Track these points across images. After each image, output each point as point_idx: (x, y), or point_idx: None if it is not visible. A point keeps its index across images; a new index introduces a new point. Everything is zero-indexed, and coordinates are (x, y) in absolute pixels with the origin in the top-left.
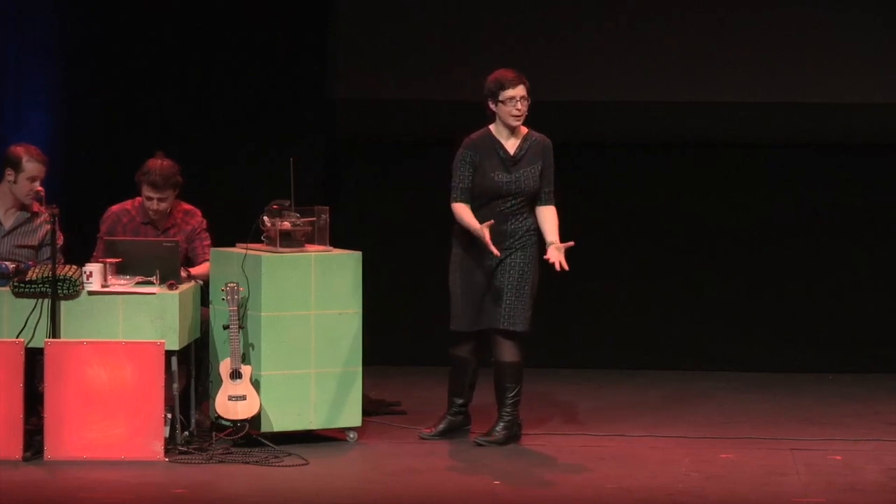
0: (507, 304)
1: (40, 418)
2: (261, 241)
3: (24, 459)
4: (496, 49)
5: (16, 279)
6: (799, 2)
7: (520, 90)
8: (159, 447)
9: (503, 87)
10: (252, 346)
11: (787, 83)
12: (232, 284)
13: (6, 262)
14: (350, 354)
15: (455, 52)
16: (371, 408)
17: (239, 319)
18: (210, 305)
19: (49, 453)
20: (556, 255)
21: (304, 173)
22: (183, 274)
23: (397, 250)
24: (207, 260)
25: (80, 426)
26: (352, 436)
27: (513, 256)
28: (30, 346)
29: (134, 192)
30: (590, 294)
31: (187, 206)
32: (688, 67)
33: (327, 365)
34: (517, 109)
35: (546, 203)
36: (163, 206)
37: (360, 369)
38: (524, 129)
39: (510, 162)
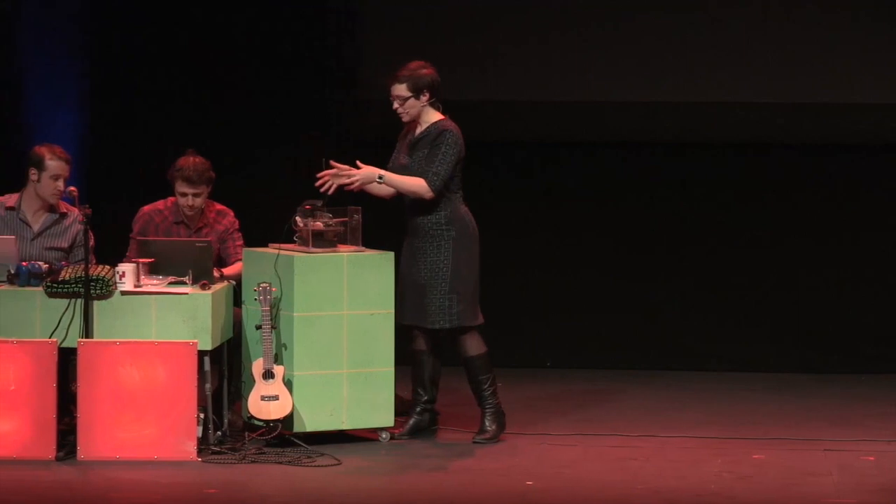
0: (427, 302)
1: (73, 418)
2: (293, 242)
3: (57, 459)
4: (514, 49)
5: (49, 279)
6: (799, 2)
7: (392, 91)
8: (192, 447)
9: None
10: (284, 346)
11: (790, 83)
12: (264, 284)
13: (39, 263)
14: (382, 354)
15: (477, 52)
16: (403, 408)
17: (271, 319)
18: (242, 305)
19: (82, 453)
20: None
21: None
22: (215, 274)
23: None
24: (240, 260)
25: (112, 426)
26: (384, 436)
27: (428, 253)
28: (63, 345)
29: (164, 192)
30: (617, 296)
31: (220, 206)
32: (691, 68)
33: (359, 365)
34: (394, 109)
35: (419, 175)
36: (197, 201)
37: (392, 369)
38: (436, 118)
39: (409, 146)
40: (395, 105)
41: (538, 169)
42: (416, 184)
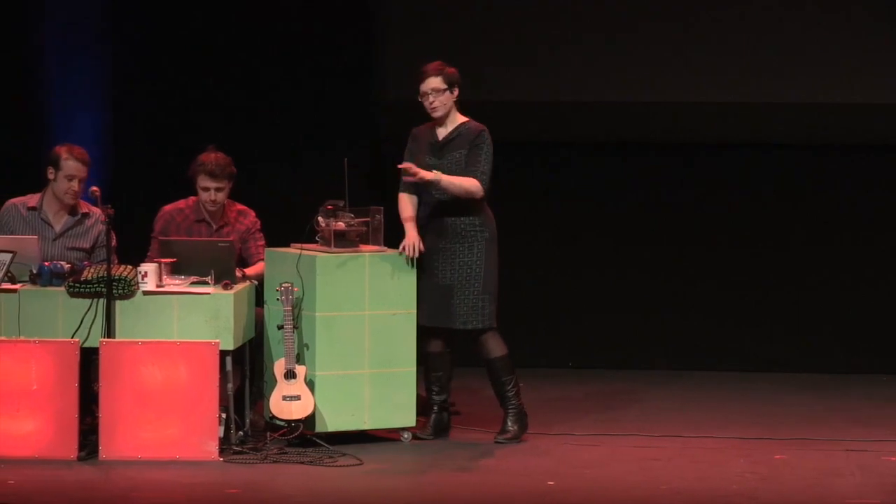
0: (457, 303)
1: (95, 418)
2: (315, 242)
3: (79, 459)
4: (540, 48)
5: (71, 279)
6: (799, 2)
7: (427, 84)
8: (213, 447)
9: (418, 83)
10: (306, 346)
11: (790, 83)
12: (286, 284)
13: (61, 262)
14: (404, 355)
15: (499, 53)
16: (425, 408)
17: (293, 319)
18: (265, 305)
19: (104, 453)
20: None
21: (351, 173)
22: (238, 274)
23: None
24: (262, 260)
25: (134, 426)
26: (406, 436)
27: (458, 254)
28: (85, 345)
29: (186, 192)
30: (638, 296)
31: (241, 206)
32: (691, 68)
33: (381, 365)
34: (429, 102)
35: (469, 176)
36: (220, 196)
37: (413, 369)
38: (461, 119)
39: (436, 147)
40: (431, 99)
41: (538, 169)
42: (470, 183)
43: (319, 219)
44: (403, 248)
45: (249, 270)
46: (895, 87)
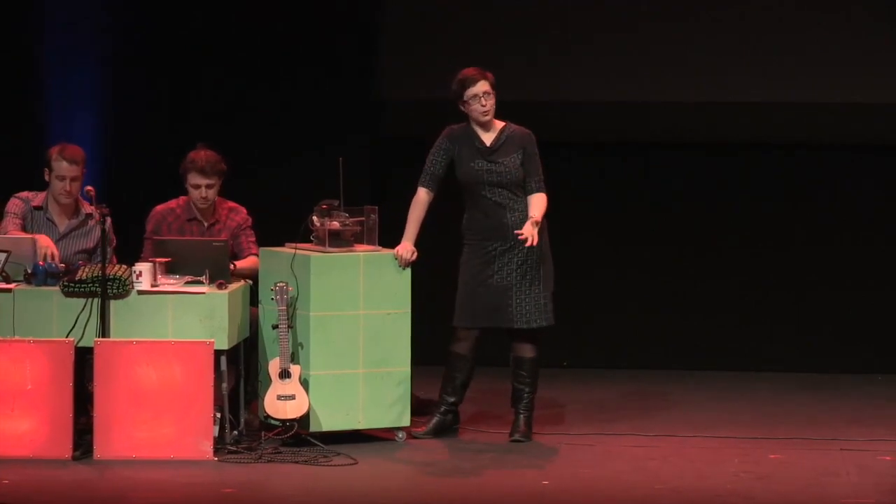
0: (518, 302)
1: (90, 418)
2: (310, 241)
3: (74, 459)
4: (540, 48)
5: (66, 279)
6: (800, 3)
7: (481, 87)
8: (208, 447)
9: (465, 87)
10: (301, 345)
11: (789, 83)
12: (281, 284)
13: (56, 262)
14: (398, 354)
15: (500, 52)
16: (419, 407)
17: (288, 319)
18: (259, 305)
19: (98, 453)
20: (528, 229)
21: (351, 173)
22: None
23: (447, 250)
24: (253, 254)
25: (129, 425)
26: (400, 436)
27: (518, 253)
28: (80, 345)
29: (179, 191)
30: (636, 295)
31: (232, 204)
32: (691, 68)
33: (376, 365)
34: (482, 105)
35: (536, 191)
36: (210, 193)
37: (408, 369)
38: (500, 123)
39: (487, 152)
40: (483, 101)
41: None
42: (544, 200)
43: (314, 218)
44: (397, 254)
45: (241, 264)
46: (895, 87)
